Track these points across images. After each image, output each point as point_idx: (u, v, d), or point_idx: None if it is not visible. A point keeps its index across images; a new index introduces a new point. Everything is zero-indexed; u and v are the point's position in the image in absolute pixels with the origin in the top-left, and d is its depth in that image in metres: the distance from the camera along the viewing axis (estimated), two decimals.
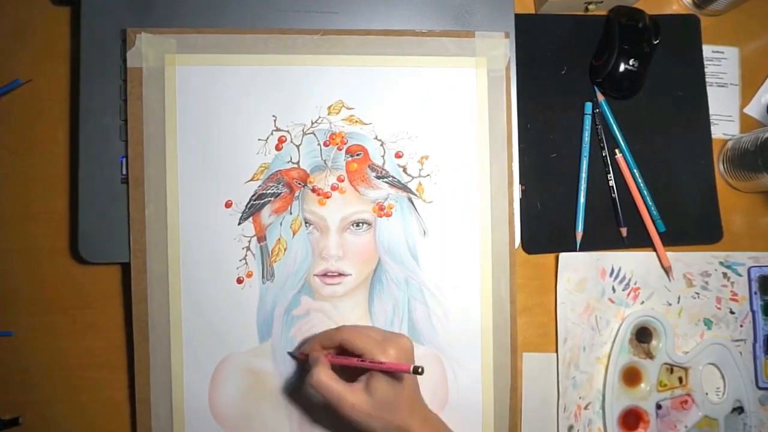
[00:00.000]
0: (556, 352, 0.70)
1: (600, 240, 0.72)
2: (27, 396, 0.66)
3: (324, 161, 0.65)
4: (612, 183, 0.72)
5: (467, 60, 0.67)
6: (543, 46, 0.73)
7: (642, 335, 0.70)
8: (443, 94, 0.66)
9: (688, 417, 0.71)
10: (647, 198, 0.72)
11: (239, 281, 0.64)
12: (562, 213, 0.72)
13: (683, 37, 0.75)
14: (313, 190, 0.65)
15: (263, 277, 0.64)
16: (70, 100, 0.68)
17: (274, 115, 0.65)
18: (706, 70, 0.75)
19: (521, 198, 0.69)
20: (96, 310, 0.67)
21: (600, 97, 0.73)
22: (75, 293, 0.67)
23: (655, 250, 0.72)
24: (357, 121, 0.66)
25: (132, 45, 0.63)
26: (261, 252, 0.64)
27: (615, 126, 0.72)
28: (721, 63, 0.76)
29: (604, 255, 0.71)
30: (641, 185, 0.72)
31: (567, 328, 0.70)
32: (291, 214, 0.65)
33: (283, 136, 0.65)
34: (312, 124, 0.65)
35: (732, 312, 0.72)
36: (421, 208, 0.66)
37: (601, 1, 0.72)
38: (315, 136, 0.65)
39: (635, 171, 0.72)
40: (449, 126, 0.66)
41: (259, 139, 0.65)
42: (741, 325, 0.72)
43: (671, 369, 0.71)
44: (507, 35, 0.67)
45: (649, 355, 0.70)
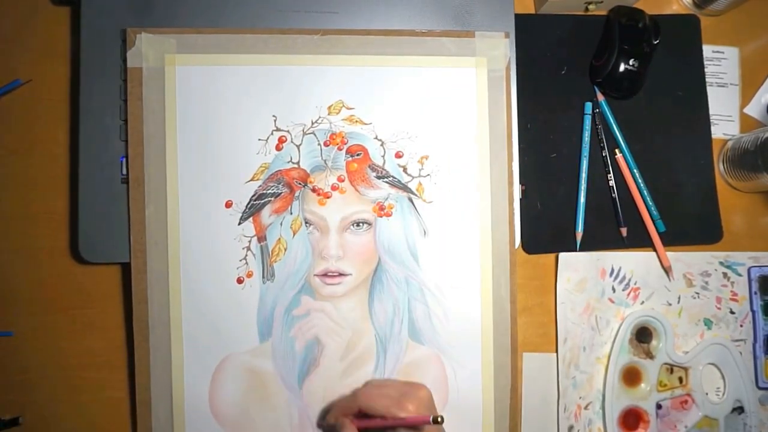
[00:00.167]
0: (556, 352, 0.70)
1: (600, 240, 0.72)
2: (27, 396, 0.66)
3: (324, 161, 0.65)
4: (612, 183, 0.72)
5: (467, 60, 0.67)
6: (543, 46, 0.73)
7: (642, 335, 0.70)
8: (443, 94, 0.66)
9: (688, 417, 0.71)
10: (647, 198, 0.72)
11: (239, 281, 0.64)
12: (562, 213, 0.72)
13: (683, 37, 0.75)
14: (314, 190, 0.65)
15: (263, 277, 0.64)
16: (70, 100, 0.68)
17: (274, 115, 0.65)
18: (706, 70, 0.75)
19: (521, 198, 0.69)
20: (96, 310, 0.67)
21: (600, 97, 0.73)
22: (75, 293, 0.67)
23: (655, 250, 0.72)
24: (357, 121, 0.66)
25: (132, 45, 0.63)
26: (261, 252, 0.64)
27: (615, 126, 0.72)
28: (721, 63, 0.76)
29: (604, 255, 0.71)
30: (641, 185, 0.72)
31: (567, 328, 0.70)
32: (291, 214, 0.65)
33: (284, 136, 0.65)
34: (312, 124, 0.65)
35: (732, 312, 0.72)
36: (422, 208, 0.66)
37: (601, 1, 0.72)
38: (315, 136, 0.65)
39: (635, 171, 0.72)
40: (449, 126, 0.66)
41: (260, 139, 0.65)
42: (741, 325, 0.72)
43: (671, 369, 0.71)
44: (507, 35, 0.67)
45: (649, 355, 0.70)
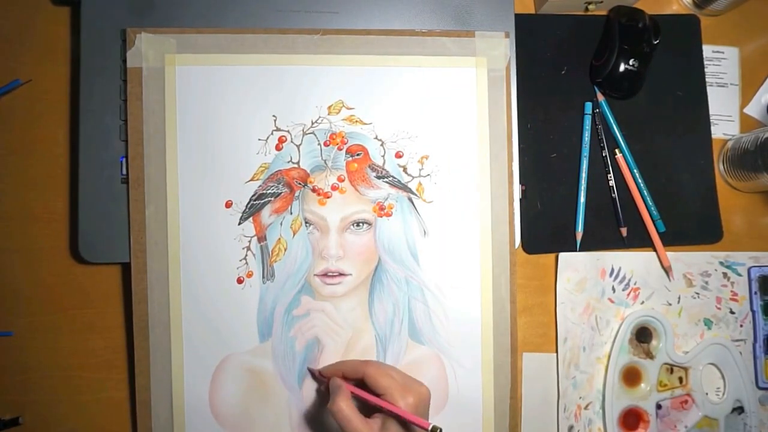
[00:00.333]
0: (556, 352, 0.70)
1: (600, 240, 0.72)
2: (27, 396, 0.66)
3: (324, 161, 0.65)
4: (612, 183, 0.72)
5: (467, 60, 0.67)
6: (543, 46, 0.73)
7: (642, 335, 0.70)
8: (443, 93, 0.66)
9: (688, 417, 0.71)
10: (647, 198, 0.72)
11: (239, 281, 0.64)
12: (562, 213, 0.72)
13: (683, 37, 0.75)
14: (314, 190, 0.65)
15: (263, 277, 0.64)
16: (70, 100, 0.68)
17: (274, 115, 0.65)
18: (706, 70, 0.75)
19: (521, 198, 0.69)
20: (96, 310, 0.67)
21: (600, 97, 0.73)
22: (75, 293, 0.67)
23: (655, 250, 0.72)
24: (357, 121, 0.66)
25: (132, 45, 0.63)
26: (261, 252, 0.64)
27: (615, 126, 0.72)
28: (721, 63, 0.76)
29: (604, 255, 0.71)
30: (641, 185, 0.72)
31: (567, 328, 0.70)
32: (291, 214, 0.65)
33: (284, 136, 0.65)
34: (312, 124, 0.65)
35: (732, 312, 0.72)
36: (422, 207, 0.66)
37: (601, 1, 0.72)
38: (315, 136, 0.65)
39: (635, 171, 0.72)
40: (449, 126, 0.66)
41: (260, 139, 0.65)
42: (741, 325, 0.72)
43: (671, 369, 0.71)
44: (507, 35, 0.67)
45: (649, 355, 0.70)
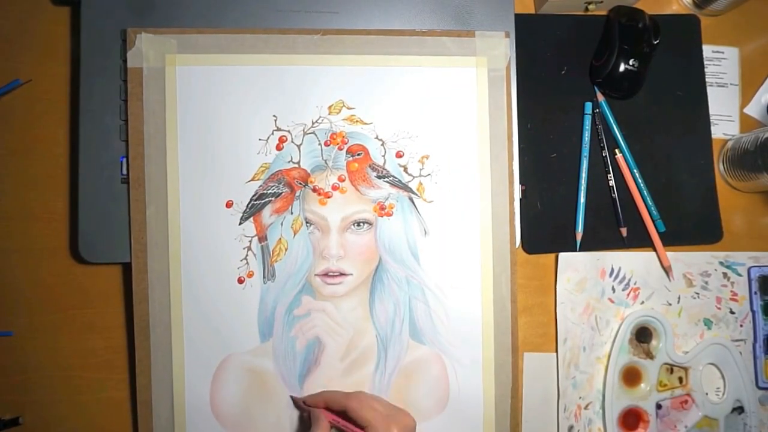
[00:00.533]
0: (556, 352, 0.70)
1: (600, 240, 0.72)
2: (27, 396, 0.66)
3: (325, 161, 0.65)
4: (612, 183, 0.72)
5: (468, 60, 0.67)
6: (543, 46, 0.73)
7: (642, 335, 0.70)
8: (444, 93, 0.66)
9: (688, 417, 0.71)
10: (647, 198, 0.72)
11: (240, 281, 0.64)
12: (562, 213, 0.72)
13: (683, 37, 0.75)
14: (314, 189, 0.65)
15: (264, 277, 0.64)
16: (70, 100, 0.68)
17: (274, 115, 0.65)
18: (706, 70, 0.75)
19: (521, 198, 0.69)
20: (96, 310, 0.67)
21: (600, 97, 0.73)
22: (75, 293, 0.67)
23: (655, 250, 0.72)
24: (358, 121, 0.66)
25: (132, 45, 0.63)
26: (262, 252, 0.64)
27: (615, 126, 0.72)
28: (721, 63, 0.76)
29: (604, 255, 0.71)
30: (641, 185, 0.72)
31: (567, 328, 0.70)
32: (292, 213, 0.65)
33: (284, 135, 0.65)
34: (313, 123, 0.65)
35: (732, 312, 0.72)
36: (422, 207, 0.66)
37: (601, 1, 0.72)
38: (316, 135, 0.65)
39: (635, 171, 0.72)
40: (450, 125, 0.66)
41: (260, 139, 0.65)
42: (741, 325, 0.72)
43: (671, 369, 0.71)
44: (507, 35, 0.67)
45: (649, 355, 0.70)
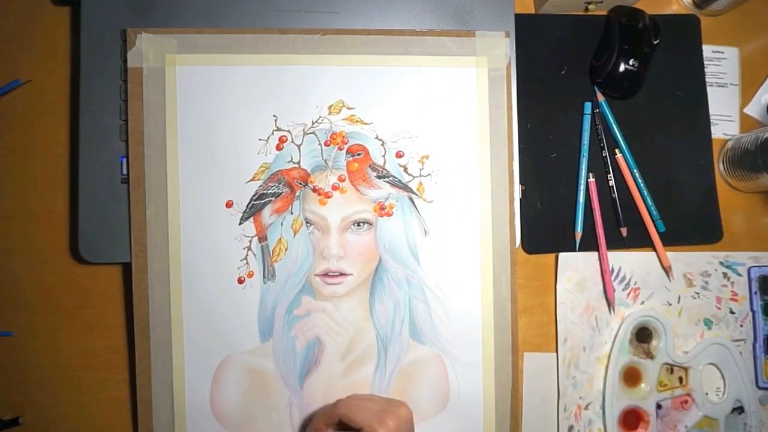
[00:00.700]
0: (556, 352, 0.70)
1: None
2: (27, 396, 0.66)
3: (325, 161, 0.65)
4: (612, 183, 0.72)
5: (468, 59, 0.67)
6: (543, 46, 0.73)
7: (642, 335, 0.70)
8: (444, 93, 0.66)
9: (688, 417, 0.71)
10: (647, 198, 0.72)
11: (240, 281, 0.64)
12: (562, 213, 0.72)
13: (683, 37, 0.75)
14: (314, 189, 0.65)
15: (264, 277, 0.64)
16: (70, 100, 0.68)
17: (274, 115, 0.65)
18: (706, 70, 0.75)
19: (521, 198, 0.69)
20: (96, 310, 0.67)
21: (600, 97, 0.73)
22: (75, 293, 0.67)
23: (655, 250, 0.72)
24: (358, 121, 0.66)
25: (132, 45, 0.63)
26: (262, 252, 0.64)
27: (615, 126, 0.72)
28: (721, 63, 0.77)
29: None
30: (641, 185, 0.72)
31: (567, 328, 0.70)
32: (292, 213, 0.65)
33: (284, 135, 0.65)
34: (313, 123, 0.65)
35: (732, 312, 0.72)
36: (422, 207, 0.66)
37: (601, 1, 0.72)
38: (316, 135, 0.65)
39: (635, 171, 0.72)
40: (450, 125, 0.66)
41: (260, 139, 0.65)
42: (741, 325, 0.72)
43: (671, 369, 0.71)
44: (507, 35, 0.67)
45: (649, 355, 0.70)
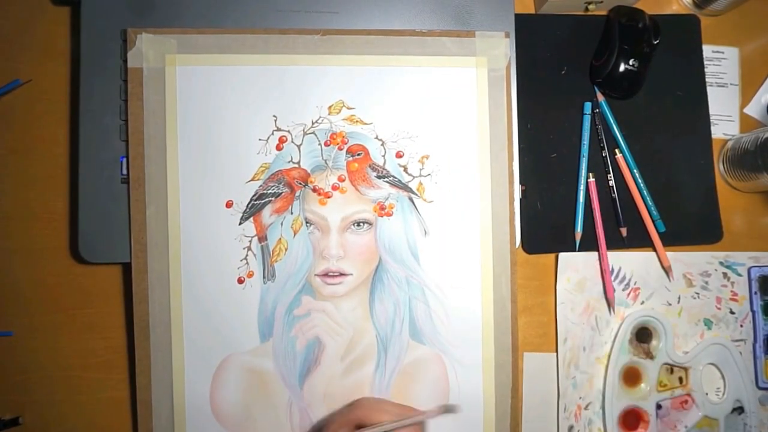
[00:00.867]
0: (556, 352, 0.70)
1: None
2: (27, 396, 0.66)
3: (325, 161, 0.65)
4: (612, 183, 0.72)
5: (468, 60, 0.67)
6: (543, 46, 0.73)
7: (642, 335, 0.70)
8: (444, 93, 0.66)
9: (688, 417, 0.71)
10: (647, 198, 0.72)
11: (240, 281, 0.64)
12: (562, 213, 0.72)
13: (683, 37, 0.75)
14: (314, 189, 0.65)
15: (264, 277, 0.64)
16: (70, 100, 0.68)
17: (274, 115, 0.65)
18: (706, 70, 0.75)
19: (521, 198, 0.69)
20: (96, 310, 0.67)
21: (600, 97, 0.73)
22: (75, 293, 0.67)
23: (655, 250, 0.72)
24: (358, 121, 0.66)
25: (132, 45, 0.63)
26: (262, 252, 0.64)
27: (615, 126, 0.72)
28: (721, 63, 0.77)
29: None
30: (641, 185, 0.72)
31: (567, 328, 0.70)
32: (292, 213, 0.65)
33: (284, 136, 0.65)
34: (313, 123, 0.65)
35: (732, 312, 0.72)
36: (422, 207, 0.66)
37: (601, 1, 0.72)
38: (316, 135, 0.65)
39: (635, 171, 0.72)
40: (450, 126, 0.66)
41: (260, 139, 0.65)
42: (741, 325, 0.72)
43: (671, 369, 0.71)
44: (507, 35, 0.67)
45: (649, 355, 0.70)
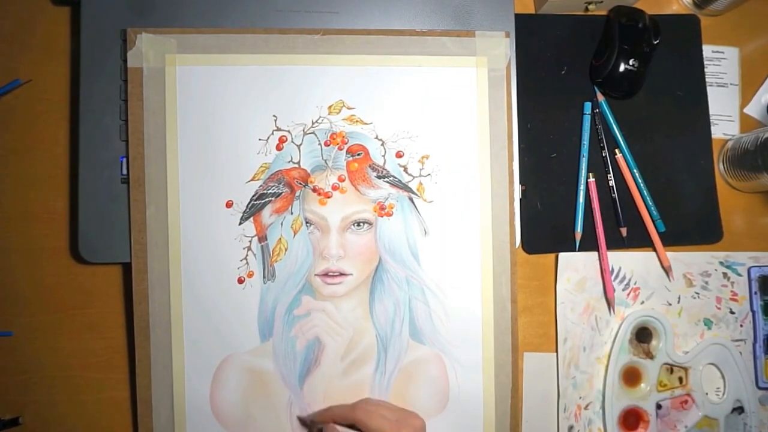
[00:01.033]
0: (556, 352, 0.70)
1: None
2: (27, 396, 0.66)
3: (325, 161, 0.65)
4: (612, 183, 0.72)
5: (468, 59, 0.67)
6: (543, 46, 0.73)
7: (642, 335, 0.70)
8: (444, 93, 0.66)
9: (688, 417, 0.71)
10: (647, 198, 0.72)
11: (240, 281, 0.64)
12: (562, 213, 0.72)
13: (683, 37, 0.75)
14: (314, 189, 0.65)
15: (264, 277, 0.64)
16: (70, 100, 0.68)
17: (274, 115, 0.65)
18: (706, 70, 0.75)
19: (521, 198, 0.69)
20: (96, 310, 0.67)
21: (600, 97, 0.73)
22: (75, 293, 0.67)
23: (655, 250, 0.72)
24: (358, 121, 0.66)
25: (132, 45, 0.63)
26: (262, 252, 0.64)
27: (615, 126, 0.72)
28: (721, 63, 0.76)
29: None
30: (641, 185, 0.72)
31: (567, 328, 0.70)
32: (292, 213, 0.65)
33: (284, 135, 0.65)
34: (313, 123, 0.65)
35: (732, 312, 0.72)
36: (422, 207, 0.66)
37: (601, 1, 0.72)
38: (316, 135, 0.65)
39: (635, 171, 0.72)
40: (450, 125, 0.66)
41: (260, 139, 0.65)
42: (741, 325, 0.72)
43: (671, 369, 0.71)
44: (507, 35, 0.67)
45: (649, 355, 0.70)
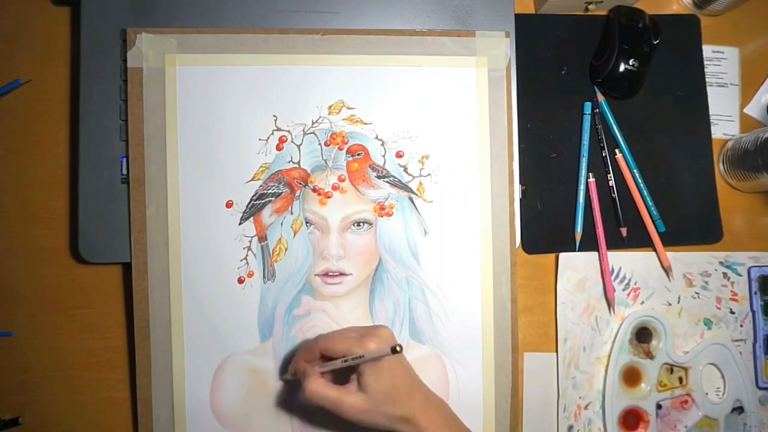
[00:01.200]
0: (556, 352, 0.70)
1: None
2: (27, 396, 0.66)
3: (325, 161, 0.65)
4: (612, 183, 0.72)
5: (468, 59, 0.67)
6: (543, 46, 0.73)
7: (642, 335, 0.70)
8: (444, 93, 0.66)
9: (688, 417, 0.71)
10: (647, 198, 0.72)
11: (240, 281, 0.64)
12: (562, 213, 0.72)
13: (683, 37, 0.75)
14: (314, 189, 0.65)
15: (264, 277, 0.64)
16: (70, 100, 0.68)
17: (274, 115, 0.65)
18: (706, 70, 0.75)
19: (521, 198, 0.69)
20: (96, 310, 0.67)
21: (600, 97, 0.73)
22: (75, 293, 0.67)
23: (655, 250, 0.72)
24: (358, 121, 0.66)
25: (132, 45, 0.63)
26: (262, 252, 0.64)
27: (615, 126, 0.72)
28: (721, 63, 0.76)
29: None
30: (641, 185, 0.72)
31: (567, 328, 0.70)
32: (292, 213, 0.65)
33: (284, 135, 0.65)
34: (313, 123, 0.65)
35: (732, 312, 0.72)
36: (422, 207, 0.66)
37: (601, 1, 0.72)
38: (316, 135, 0.65)
39: (635, 171, 0.72)
40: (450, 125, 0.66)
41: (260, 139, 0.65)
42: (741, 325, 0.72)
43: (671, 369, 0.71)
44: (507, 35, 0.67)
45: (649, 355, 0.70)
